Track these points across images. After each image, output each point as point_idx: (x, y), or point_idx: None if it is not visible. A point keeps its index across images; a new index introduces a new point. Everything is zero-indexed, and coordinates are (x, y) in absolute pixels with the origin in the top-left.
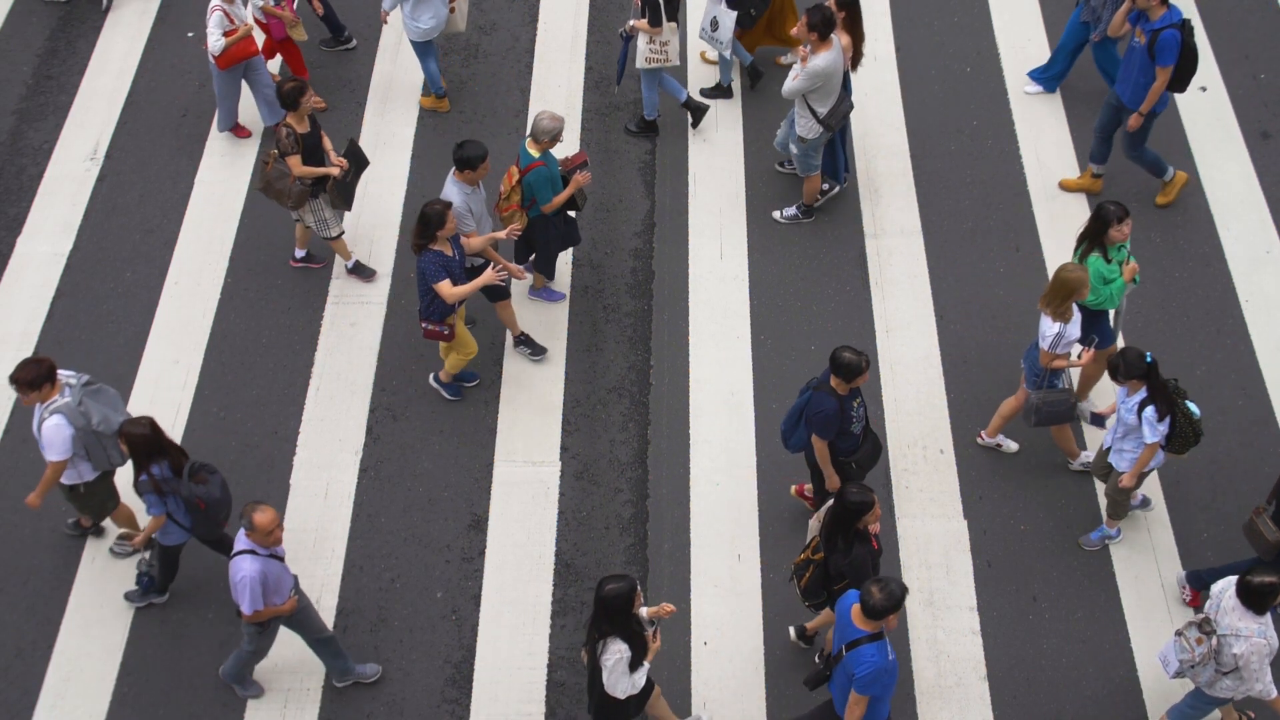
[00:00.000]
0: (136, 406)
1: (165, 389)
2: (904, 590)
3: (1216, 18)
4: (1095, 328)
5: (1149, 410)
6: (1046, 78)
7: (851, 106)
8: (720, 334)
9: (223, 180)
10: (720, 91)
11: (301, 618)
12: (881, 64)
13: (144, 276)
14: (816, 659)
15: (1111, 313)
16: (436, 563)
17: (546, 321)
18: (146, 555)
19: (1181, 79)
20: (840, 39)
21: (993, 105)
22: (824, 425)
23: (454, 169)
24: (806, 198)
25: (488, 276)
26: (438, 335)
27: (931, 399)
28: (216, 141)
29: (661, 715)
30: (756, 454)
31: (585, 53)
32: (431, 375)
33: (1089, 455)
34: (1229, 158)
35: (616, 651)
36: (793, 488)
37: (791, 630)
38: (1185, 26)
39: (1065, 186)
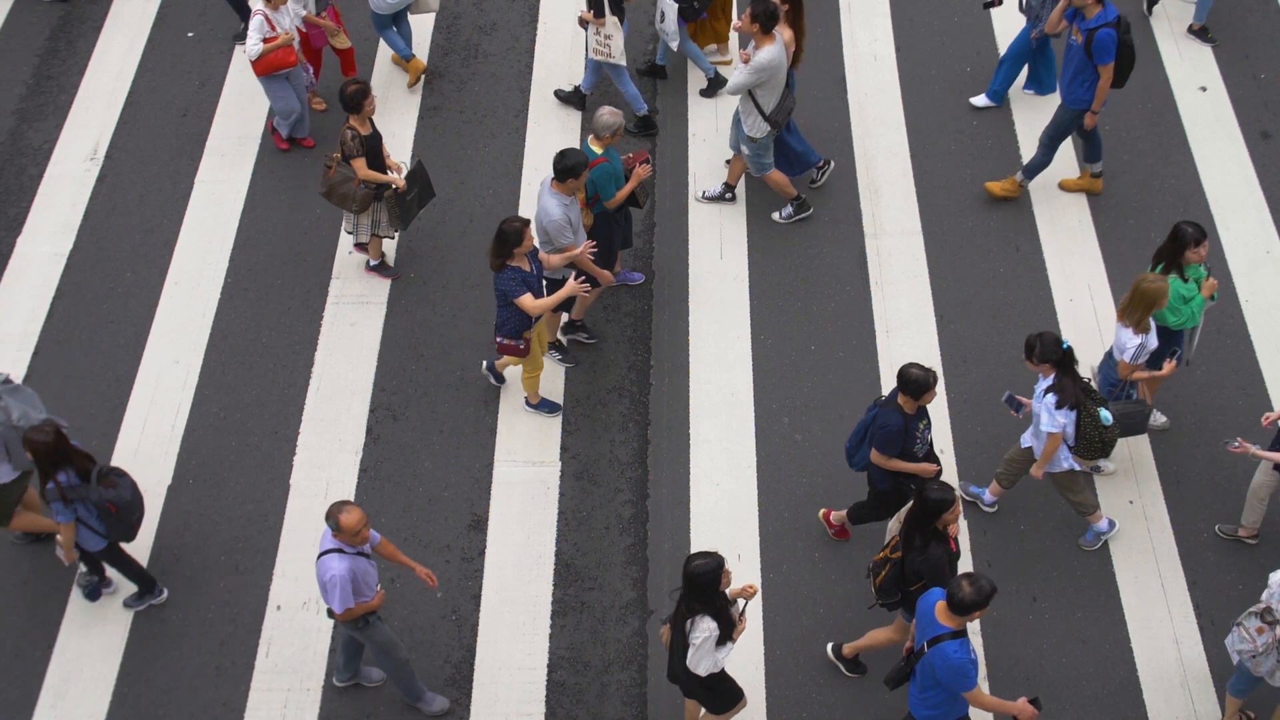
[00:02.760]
0: (136, 406)
1: (165, 389)
2: (994, 587)
3: (1217, 18)
4: (1175, 343)
5: (1049, 397)
6: (1036, 80)
7: (794, 103)
8: (720, 334)
9: (223, 180)
10: (714, 84)
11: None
12: (881, 64)
13: (144, 276)
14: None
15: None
16: (436, 563)
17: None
18: (83, 569)
19: (1121, 76)
20: (783, 34)
21: (992, 105)
22: (887, 442)
23: (551, 179)
24: (782, 191)
25: (571, 288)
26: (513, 350)
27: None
28: (216, 141)
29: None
30: (756, 454)
31: (585, 53)
32: (525, 403)
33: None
34: (1229, 158)
35: (706, 629)
36: (820, 511)
37: (829, 647)
38: (1121, 24)
39: (1065, 187)
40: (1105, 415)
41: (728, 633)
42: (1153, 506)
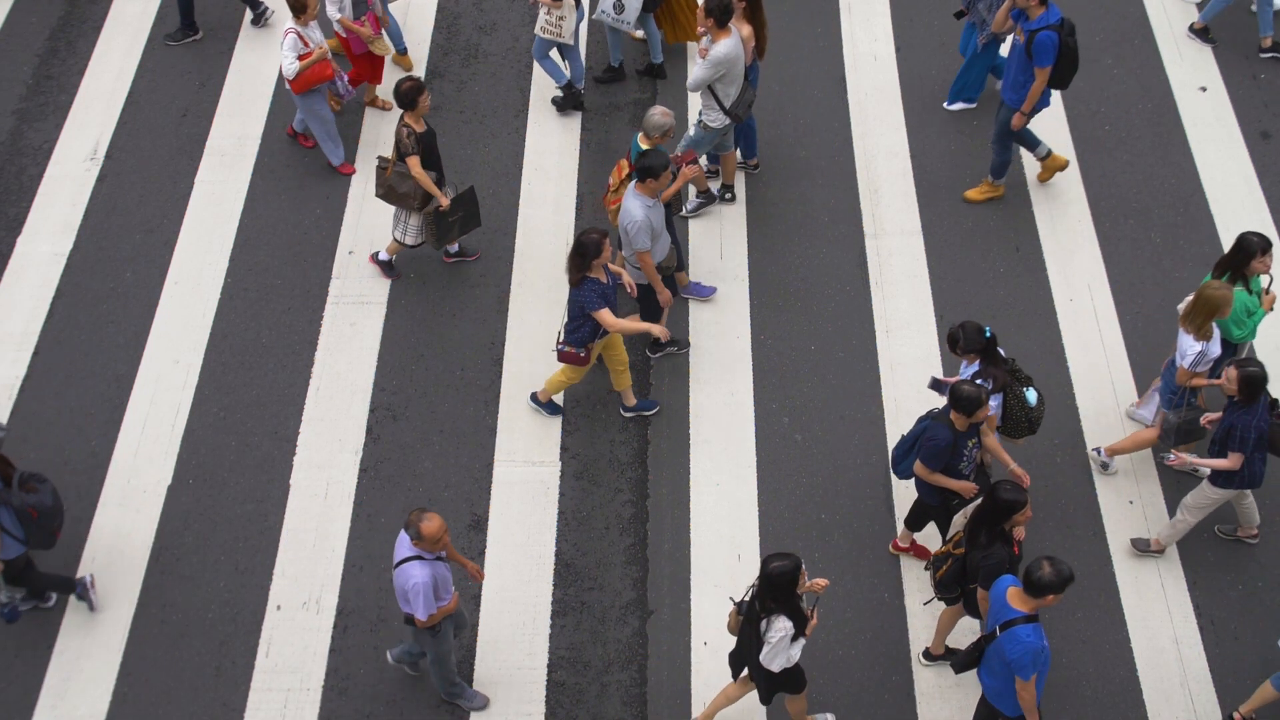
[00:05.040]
0: (136, 406)
1: (165, 389)
2: (1072, 574)
3: (1217, 18)
4: (1235, 352)
5: (979, 383)
6: (962, 89)
7: (754, 96)
8: (720, 334)
9: (223, 180)
10: (614, 73)
11: (456, 615)
12: (881, 64)
13: (144, 276)
14: (919, 652)
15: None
16: None
17: (547, 321)
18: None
19: (1062, 78)
20: (741, 29)
21: (993, 105)
22: (932, 455)
23: (634, 181)
24: (697, 184)
25: (656, 331)
26: (574, 359)
27: (931, 399)
28: (216, 141)
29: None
30: (756, 454)
31: (585, 53)
32: (531, 395)
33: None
34: (1229, 158)
35: (782, 628)
36: (890, 546)
37: (920, 656)
38: (1064, 26)
39: (1042, 180)
40: (1030, 395)
41: (801, 629)
42: (1152, 506)
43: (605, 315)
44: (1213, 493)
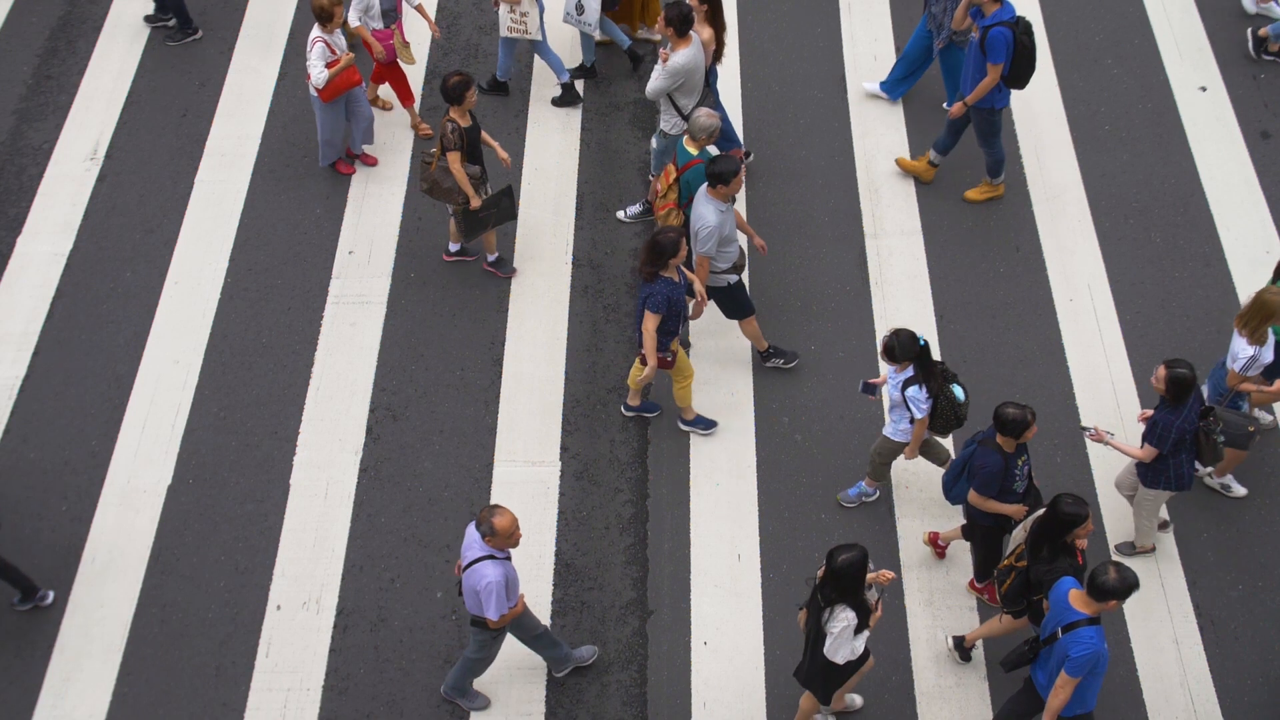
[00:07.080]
0: (136, 406)
1: (165, 389)
2: (1137, 580)
3: (1219, 19)
4: None
5: (913, 389)
6: (889, 82)
7: (714, 102)
8: (720, 334)
9: (223, 180)
10: (586, 72)
11: (521, 617)
12: (881, 64)
13: (144, 276)
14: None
15: None
16: (436, 563)
17: (547, 322)
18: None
19: (1019, 77)
20: (701, 34)
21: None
22: (986, 482)
23: (704, 185)
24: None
25: (646, 373)
26: (659, 363)
27: None
28: (216, 141)
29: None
30: (756, 454)
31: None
32: (679, 420)
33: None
34: (1229, 158)
35: (844, 619)
36: (925, 535)
37: (949, 639)
38: (1019, 24)
39: (900, 165)
40: (958, 392)
41: (865, 621)
42: None
43: (649, 322)
44: (1146, 491)
